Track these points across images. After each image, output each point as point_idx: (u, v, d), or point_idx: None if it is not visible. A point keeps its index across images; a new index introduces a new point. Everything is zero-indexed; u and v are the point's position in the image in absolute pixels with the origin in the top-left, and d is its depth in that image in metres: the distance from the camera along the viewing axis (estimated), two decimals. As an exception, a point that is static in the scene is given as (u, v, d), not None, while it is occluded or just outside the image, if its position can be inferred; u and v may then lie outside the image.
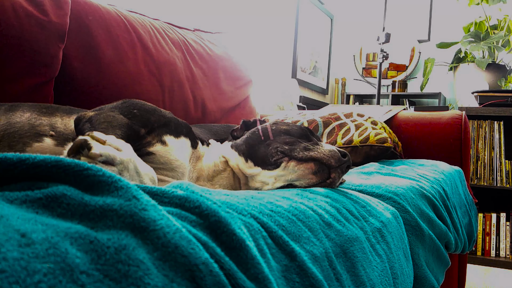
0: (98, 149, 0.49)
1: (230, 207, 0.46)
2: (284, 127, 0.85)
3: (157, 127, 0.73)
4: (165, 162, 0.72)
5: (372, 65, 4.15)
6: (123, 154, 0.52)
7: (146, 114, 0.73)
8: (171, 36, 1.54)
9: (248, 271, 0.37)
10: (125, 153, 0.53)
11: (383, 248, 0.67)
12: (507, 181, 2.73)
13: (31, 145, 0.70)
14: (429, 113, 1.81)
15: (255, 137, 0.83)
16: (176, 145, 0.75)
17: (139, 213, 0.33)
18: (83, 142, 0.49)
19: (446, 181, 1.27)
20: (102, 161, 0.49)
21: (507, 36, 3.21)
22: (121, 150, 0.53)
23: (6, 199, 0.32)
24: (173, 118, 0.78)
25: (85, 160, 0.48)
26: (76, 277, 0.26)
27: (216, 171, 0.82)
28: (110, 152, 0.50)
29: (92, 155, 0.49)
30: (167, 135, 0.74)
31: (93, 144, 0.49)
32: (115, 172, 0.50)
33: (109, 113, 0.69)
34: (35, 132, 0.71)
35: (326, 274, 0.49)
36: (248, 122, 0.94)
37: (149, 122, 0.72)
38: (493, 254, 2.75)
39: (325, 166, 0.73)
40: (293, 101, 2.75)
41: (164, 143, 0.73)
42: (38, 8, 1.06)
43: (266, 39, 3.10)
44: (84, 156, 0.48)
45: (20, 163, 0.35)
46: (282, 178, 0.74)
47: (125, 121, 0.68)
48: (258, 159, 0.79)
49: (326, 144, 0.76)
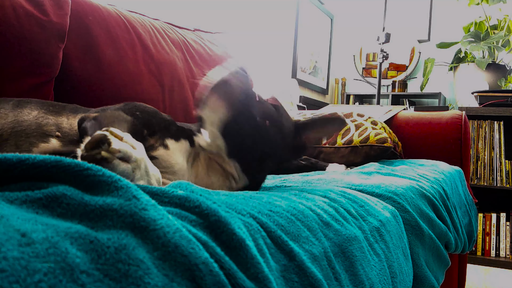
0: (118, 144, 0.49)
1: (229, 207, 0.46)
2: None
3: (159, 130, 0.73)
4: (167, 166, 0.72)
5: (372, 65, 4.15)
6: (137, 152, 0.52)
7: (148, 116, 0.73)
8: (171, 36, 1.54)
9: (248, 271, 0.37)
10: (139, 151, 0.53)
11: (382, 247, 0.67)
12: (507, 181, 2.73)
13: (37, 145, 0.69)
14: (429, 113, 1.81)
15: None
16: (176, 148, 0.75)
17: (139, 213, 0.33)
18: (103, 137, 0.48)
19: (446, 181, 1.27)
20: (120, 157, 0.49)
21: (507, 36, 3.21)
22: (136, 148, 0.53)
23: (6, 199, 0.32)
24: (173, 121, 0.78)
25: (105, 155, 0.48)
26: (76, 277, 0.26)
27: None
28: (128, 149, 0.50)
29: (112, 150, 0.48)
30: (169, 139, 0.74)
31: (112, 139, 0.49)
32: (128, 170, 0.50)
33: (113, 112, 0.69)
34: (42, 132, 0.71)
35: (325, 274, 0.49)
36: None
37: (151, 124, 0.72)
38: (493, 254, 2.75)
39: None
40: (293, 101, 2.75)
41: (166, 147, 0.73)
42: (38, 8, 1.06)
43: (266, 39, 3.10)
44: (105, 151, 0.48)
45: (20, 163, 0.35)
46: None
47: (129, 119, 0.68)
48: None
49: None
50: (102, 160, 0.47)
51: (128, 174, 0.50)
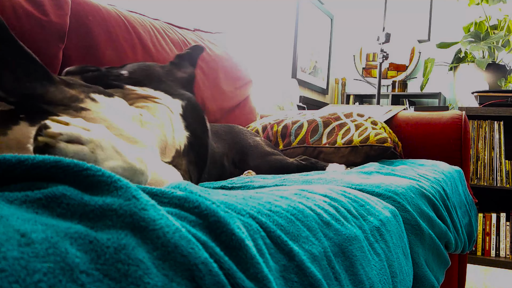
0: (58, 128, 0.47)
1: (229, 207, 0.46)
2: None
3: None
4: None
5: (372, 65, 4.15)
6: (93, 133, 0.50)
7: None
8: (171, 36, 1.54)
9: (247, 271, 0.37)
10: (95, 132, 0.51)
11: (382, 247, 0.67)
12: (507, 181, 2.73)
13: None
14: (429, 113, 1.81)
15: None
16: (105, 102, 0.73)
17: (138, 213, 0.33)
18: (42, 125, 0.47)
19: (446, 181, 1.27)
20: (66, 140, 0.47)
21: (507, 36, 3.21)
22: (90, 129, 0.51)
23: (6, 200, 0.32)
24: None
25: (46, 141, 0.46)
26: (76, 277, 0.26)
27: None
28: (73, 131, 0.48)
29: (50, 133, 0.46)
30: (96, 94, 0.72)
31: (51, 124, 0.47)
32: (84, 151, 0.48)
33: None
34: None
35: (325, 274, 0.49)
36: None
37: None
38: (493, 254, 2.75)
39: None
40: (293, 101, 2.75)
41: (94, 100, 0.70)
42: (38, 8, 1.06)
43: (266, 39, 3.10)
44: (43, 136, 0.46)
45: (19, 164, 0.35)
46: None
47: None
48: None
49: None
50: (46, 147, 0.46)
51: (85, 155, 0.48)
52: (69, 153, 0.47)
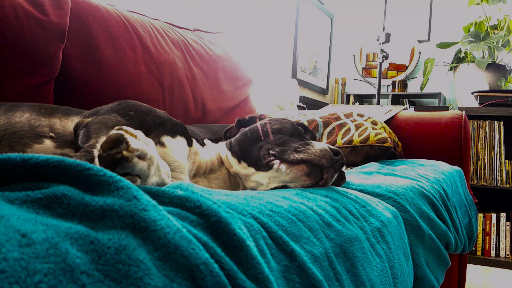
0: (135, 143, 0.49)
1: (230, 207, 0.46)
2: (276, 126, 0.85)
3: (154, 128, 0.73)
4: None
5: (372, 65, 4.15)
6: (150, 149, 0.52)
7: (142, 115, 0.73)
8: (171, 36, 1.54)
9: (248, 271, 0.37)
10: (151, 148, 0.53)
11: (383, 248, 0.67)
12: (507, 181, 2.73)
13: (31, 146, 0.70)
14: (429, 113, 1.81)
15: (246, 138, 0.83)
16: (173, 146, 0.75)
17: (139, 213, 0.33)
18: (120, 137, 0.48)
19: (446, 181, 1.27)
20: (137, 156, 0.49)
21: (507, 36, 3.21)
22: (148, 145, 0.53)
23: (6, 200, 0.32)
24: (168, 118, 0.78)
25: (127, 155, 0.47)
26: (77, 277, 0.26)
27: (213, 169, 0.83)
28: (143, 147, 0.50)
29: (131, 150, 0.48)
30: (165, 136, 0.74)
31: (129, 138, 0.49)
32: (145, 167, 0.50)
33: (105, 115, 0.69)
34: (35, 133, 0.71)
35: (326, 274, 0.49)
36: (243, 121, 0.94)
37: (146, 123, 0.72)
38: (493, 254, 2.75)
39: (317, 167, 0.72)
40: (293, 101, 2.75)
41: (162, 145, 0.73)
42: (38, 8, 1.06)
43: (266, 39, 3.10)
44: (125, 150, 0.48)
45: (24, 163, 0.35)
46: (276, 180, 0.75)
47: (122, 122, 0.68)
48: (251, 160, 0.79)
49: (318, 142, 0.76)
50: (121, 160, 0.47)
51: (145, 171, 0.50)
52: (137, 168, 0.49)
